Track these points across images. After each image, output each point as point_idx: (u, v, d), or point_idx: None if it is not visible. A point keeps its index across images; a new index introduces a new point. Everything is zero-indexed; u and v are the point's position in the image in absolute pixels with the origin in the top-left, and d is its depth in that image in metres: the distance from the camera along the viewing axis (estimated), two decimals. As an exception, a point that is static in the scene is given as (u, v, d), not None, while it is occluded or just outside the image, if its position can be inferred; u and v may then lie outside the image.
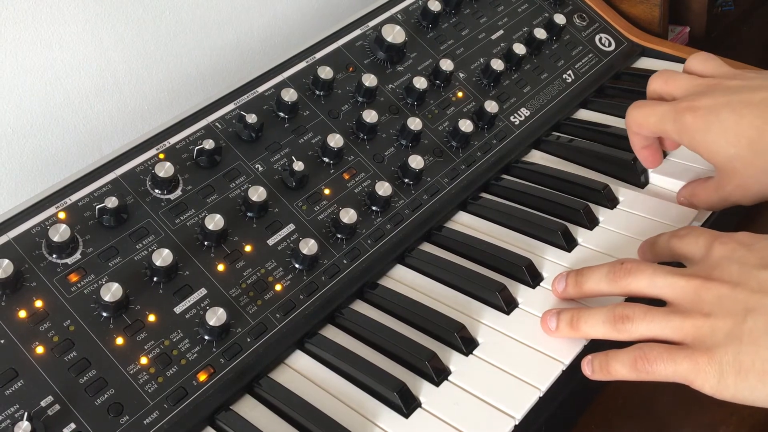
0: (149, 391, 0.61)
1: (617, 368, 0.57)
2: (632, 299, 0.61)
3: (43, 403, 0.58)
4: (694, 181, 0.75)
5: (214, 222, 0.67)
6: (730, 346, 0.52)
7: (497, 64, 0.86)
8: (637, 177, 0.80)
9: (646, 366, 0.55)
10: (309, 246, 0.68)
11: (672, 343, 0.56)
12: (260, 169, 0.73)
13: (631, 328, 0.57)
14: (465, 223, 0.79)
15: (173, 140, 0.72)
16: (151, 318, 0.63)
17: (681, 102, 0.69)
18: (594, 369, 0.59)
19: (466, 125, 0.80)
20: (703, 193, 0.72)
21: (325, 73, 0.78)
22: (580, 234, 0.74)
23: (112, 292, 0.61)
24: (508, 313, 0.67)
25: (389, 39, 0.82)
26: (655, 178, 0.80)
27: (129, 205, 0.67)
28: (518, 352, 0.64)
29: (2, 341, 0.59)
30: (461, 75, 0.87)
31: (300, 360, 0.67)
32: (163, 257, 0.64)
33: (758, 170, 0.65)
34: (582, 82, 0.93)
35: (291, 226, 0.71)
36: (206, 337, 0.64)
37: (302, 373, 0.65)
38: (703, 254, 0.59)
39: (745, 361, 0.52)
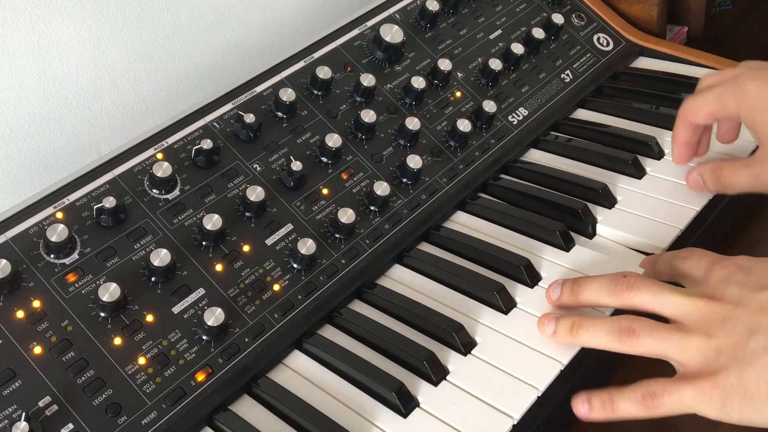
0: (147, 391, 0.61)
1: (625, 406, 0.56)
2: (628, 313, 0.60)
3: (41, 404, 0.58)
4: (720, 160, 0.74)
5: (212, 222, 0.67)
6: (734, 368, 0.52)
7: (495, 64, 0.86)
8: (635, 175, 0.80)
9: (655, 401, 0.55)
10: (307, 246, 0.68)
11: (673, 364, 0.56)
12: (258, 168, 0.73)
13: (636, 342, 0.57)
14: (463, 222, 0.79)
15: (171, 140, 0.72)
16: (149, 318, 0.63)
17: (742, 74, 0.68)
18: (594, 407, 0.57)
19: (464, 125, 0.80)
20: (734, 174, 0.71)
21: (324, 72, 0.78)
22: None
23: (110, 292, 0.61)
24: (506, 313, 0.67)
25: (387, 39, 0.82)
26: (654, 175, 0.80)
27: (127, 205, 0.67)
28: (516, 352, 0.64)
29: (0, 341, 0.59)
30: (459, 75, 0.87)
31: (298, 360, 0.67)
32: (161, 257, 0.64)
33: None
34: (580, 82, 0.93)
35: (289, 226, 0.71)
36: (204, 337, 0.64)
37: (300, 373, 0.65)
38: (703, 276, 0.59)
39: (749, 384, 0.51)
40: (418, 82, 0.81)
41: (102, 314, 0.62)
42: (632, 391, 0.56)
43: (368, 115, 0.77)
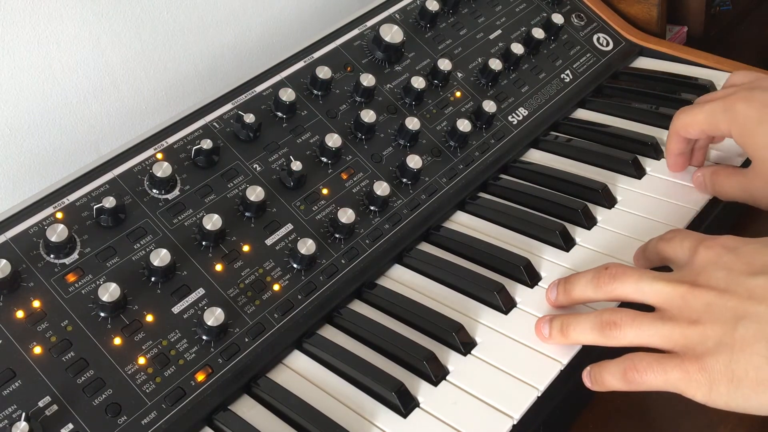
0: (147, 391, 0.61)
1: (608, 379, 0.57)
2: (624, 305, 0.60)
3: (40, 404, 0.58)
4: (720, 165, 0.75)
5: (212, 222, 0.67)
6: (721, 354, 0.51)
7: (495, 64, 0.86)
8: (635, 175, 0.80)
9: (636, 376, 0.55)
10: (307, 246, 0.68)
11: (661, 350, 0.55)
12: (258, 168, 0.73)
13: (618, 334, 0.57)
14: (463, 222, 0.79)
15: (171, 140, 0.72)
16: (149, 318, 0.63)
17: (733, 94, 0.68)
18: (592, 381, 0.59)
19: (464, 125, 0.80)
20: (726, 181, 0.72)
21: (323, 72, 0.78)
22: (579, 234, 0.74)
23: (109, 292, 0.61)
24: (506, 313, 0.67)
25: (387, 39, 0.82)
26: (654, 175, 0.80)
27: (127, 205, 0.67)
28: (516, 352, 0.64)
29: (0, 341, 0.59)
30: (459, 75, 0.87)
31: (298, 360, 0.67)
32: (161, 257, 0.64)
33: None
34: (580, 82, 0.93)
35: (289, 226, 0.71)
36: (204, 337, 0.64)
37: (300, 373, 0.65)
38: (688, 258, 0.58)
39: (737, 370, 0.51)
40: (418, 82, 0.81)
41: (102, 314, 0.62)
42: (616, 365, 0.56)
43: (368, 115, 0.77)
